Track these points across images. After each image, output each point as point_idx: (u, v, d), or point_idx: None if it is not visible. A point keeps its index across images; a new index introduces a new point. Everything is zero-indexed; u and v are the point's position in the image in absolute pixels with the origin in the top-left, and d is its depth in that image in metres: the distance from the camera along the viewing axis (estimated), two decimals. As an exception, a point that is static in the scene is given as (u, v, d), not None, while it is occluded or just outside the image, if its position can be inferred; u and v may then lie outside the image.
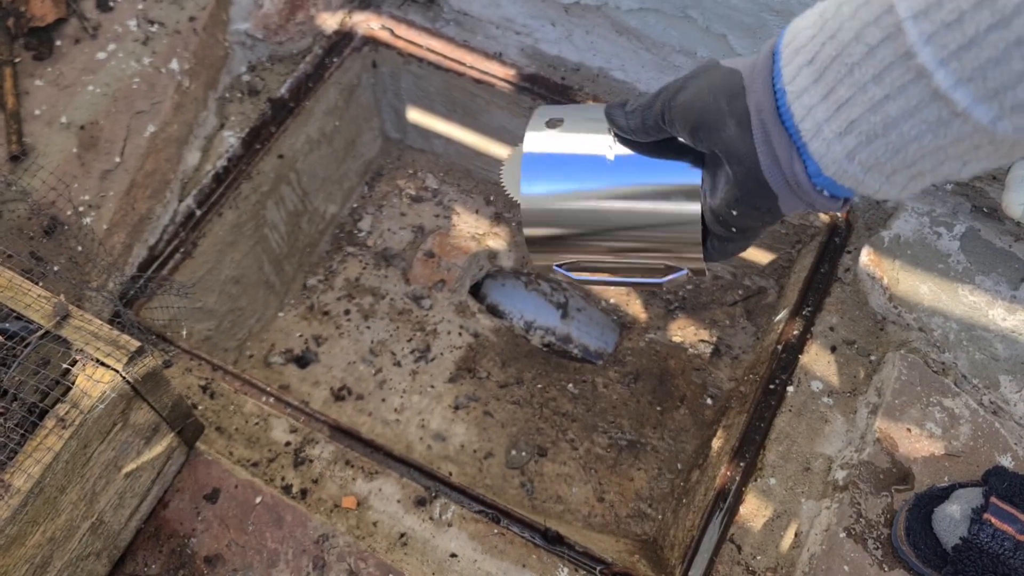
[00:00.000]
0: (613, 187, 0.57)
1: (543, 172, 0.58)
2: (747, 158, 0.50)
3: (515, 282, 1.59)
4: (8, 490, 0.70)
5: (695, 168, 0.55)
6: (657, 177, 0.56)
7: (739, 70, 0.51)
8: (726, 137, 0.51)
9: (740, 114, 0.50)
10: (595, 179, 0.57)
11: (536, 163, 0.58)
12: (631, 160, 0.57)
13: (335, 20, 1.41)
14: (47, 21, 1.22)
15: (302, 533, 0.93)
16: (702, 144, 0.53)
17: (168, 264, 1.20)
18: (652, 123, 0.54)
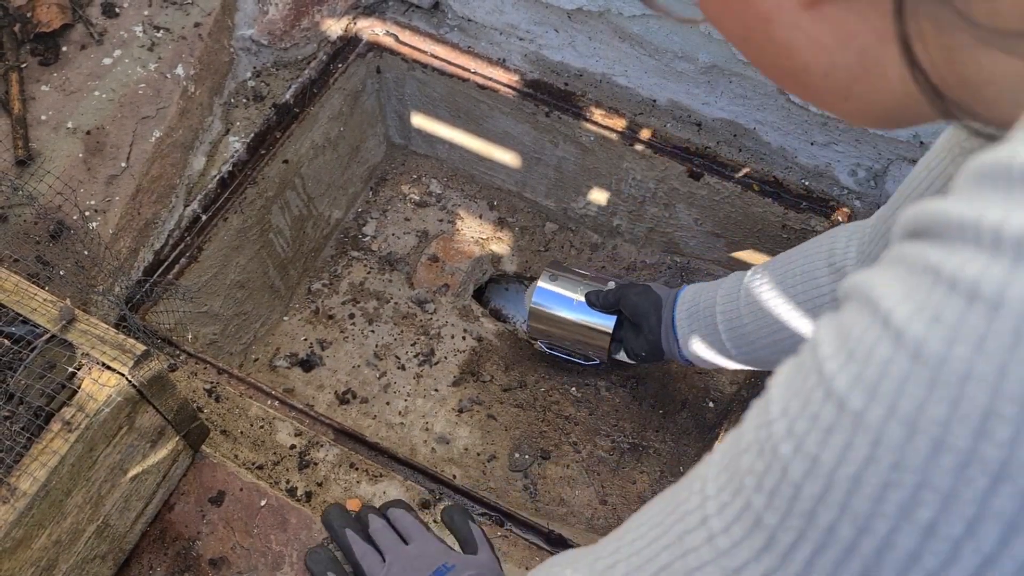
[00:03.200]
0: (573, 314, 1.27)
1: (544, 297, 1.28)
2: (654, 335, 1.15)
3: (518, 286, 1.60)
4: (14, 493, 0.71)
5: (610, 319, 1.23)
6: (595, 318, 1.25)
7: (661, 296, 1.15)
8: (649, 324, 1.15)
9: (658, 316, 1.14)
10: (566, 308, 1.27)
11: (541, 293, 1.28)
12: (584, 306, 1.25)
13: (340, 26, 1.42)
14: (53, 27, 1.22)
15: (307, 535, 0.93)
16: (636, 319, 1.17)
17: (174, 268, 1.21)
18: (611, 304, 1.22)
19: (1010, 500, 0.27)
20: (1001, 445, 0.26)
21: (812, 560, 0.33)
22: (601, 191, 1.47)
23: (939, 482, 0.28)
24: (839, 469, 0.31)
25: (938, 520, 0.28)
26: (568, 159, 1.45)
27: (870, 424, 0.30)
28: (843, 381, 0.31)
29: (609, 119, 1.35)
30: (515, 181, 1.57)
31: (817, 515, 0.32)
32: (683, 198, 1.38)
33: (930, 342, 0.28)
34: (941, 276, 0.28)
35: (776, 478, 0.33)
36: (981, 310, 0.27)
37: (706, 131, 1.34)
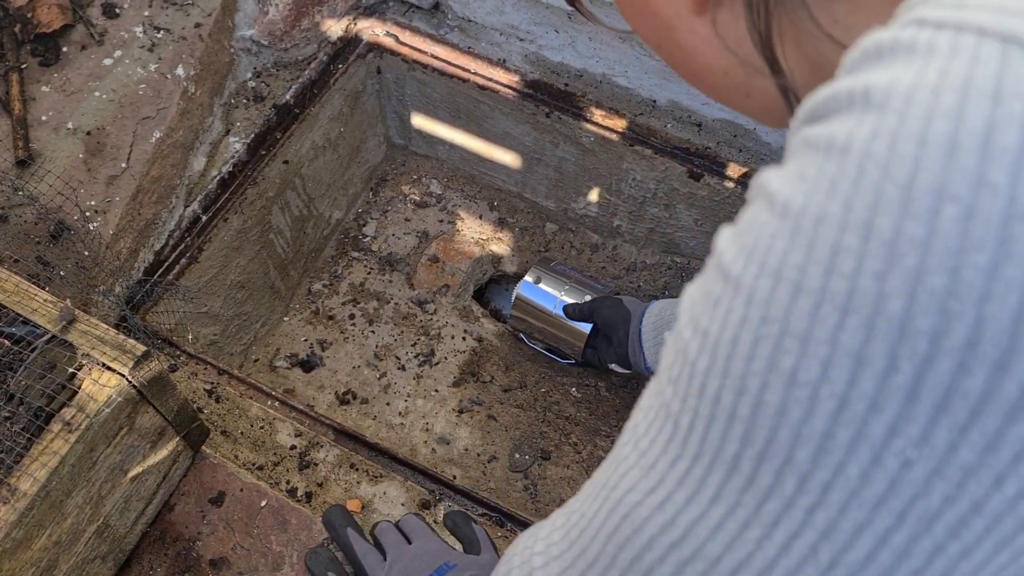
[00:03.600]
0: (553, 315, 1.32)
1: (529, 292, 1.34)
2: (622, 348, 1.19)
3: (519, 287, 1.60)
4: (14, 494, 0.71)
5: (586, 327, 1.29)
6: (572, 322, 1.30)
7: (631, 311, 1.19)
8: (618, 335, 1.20)
9: (626, 329, 1.18)
10: (548, 306, 1.32)
11: (526, 287, 1.34)
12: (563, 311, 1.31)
13: (340, 27, 1.42)
14: (53, 28, 1.22)
15: (307, 536, 0.93)
16: (607, 330, 1.23)
17: (174, 269, 1.20)
18: (585, 315, 1.27)
19: (855, 333, 0.28)
20: (846, 276, 0.28)
21: (705, 436, 0.34)
22: (601, 191, 1.47)
23: (797, 326, 0.29)
24: (722, 336, 0.32)
25: (798, 366, 0.29)
26: (568, 159, 1.45)
27: (744, 284, 0.31)
28: (728, 255, 0.32)
29: (609, 119, 1.35)
30: (515, 182, 1.57)
31: (706, 388, 0.33)
32: (683, 198, 1.38)
33: (795, 197, 0.30)
34: (812, 143, 0.30)
35: (679, 364, 0.35)
36: (834, 157, 0.29)
37: (706, 131, 1.34)
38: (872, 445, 0.29)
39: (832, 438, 0.29)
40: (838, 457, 0.30)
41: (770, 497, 0.32)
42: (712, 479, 0.34)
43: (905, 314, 0.27)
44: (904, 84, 0.28)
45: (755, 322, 0.31)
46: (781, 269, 0.30)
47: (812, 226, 0.29)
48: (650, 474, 0.37)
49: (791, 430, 0.30)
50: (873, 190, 0.27)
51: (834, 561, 0.31)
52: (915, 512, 0.29)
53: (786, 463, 0.31)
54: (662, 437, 0.36)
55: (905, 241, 0.27)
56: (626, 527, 0.38)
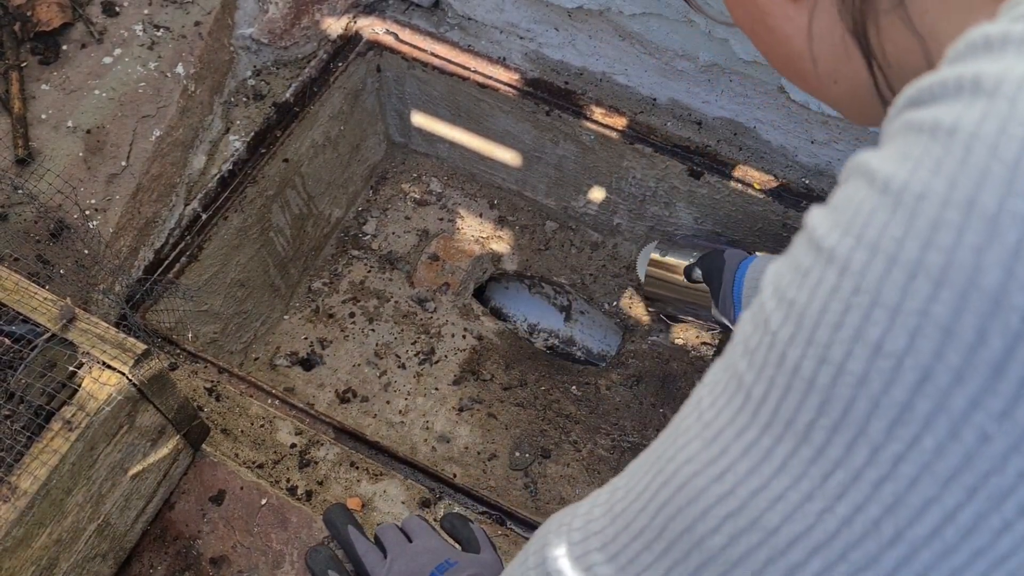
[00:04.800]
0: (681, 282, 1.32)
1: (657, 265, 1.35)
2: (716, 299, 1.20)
3: (519, 285, 1.60)
4: (15, 492, 0.71)
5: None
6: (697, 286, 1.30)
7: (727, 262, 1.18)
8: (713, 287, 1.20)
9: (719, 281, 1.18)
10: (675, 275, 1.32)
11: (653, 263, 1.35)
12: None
13: (340, 25, 1.42)
14: (53, 26, 1.22)
15: (307, 534, 0.93)
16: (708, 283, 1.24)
17: (174, 267, 1.21)
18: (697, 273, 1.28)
19: (947, 306, 0.28)
20: (944, 250, 0.28)
21: (778, 406, 0.34)
22: (601, 190, 1.47)
23: (889, 297, 0.30)
24: (810, 305, 0.32)
25: (885, 337, 0.30)
26: (568, 158, 1.45)
27: (839, 256, 0.31)
28: (822, 229, 0.33)
29: (609, 118, 1.35)
30: (515, 180, 1.57)
31: (787, 357, 0.33)
32: (683, 197, 1.38)
33: (898, 174, 0.30)
34: (916, 126, 0.31)
35: (759, 335, 0.35)
36: (941, 138, 0.29)
37: (706, 130, 1.34)
38: (951, 418, 0.29)
39: (911, 409, 0.30)
40: (914, 429, 0.30)
41: (838, 469, 0.32)
42: (780, 450, 0.34)
43: (1000, 289, 0.27)
44: (1016, 73, 0.28)
45: (846, 292, 0.31)
46: (878, 241, 0.30)
47: (914, 201, 0.29)
48: (712, 445, 0.37)
49: (869, 400, 0.30)
50: (979, 169, 0.28)
51: (897, 536, 0.31)
52: (987, 488, 0.29)
53: (860, 434, 0.31)
54: (731, 408, 0.36)
55: (1007, 217, 0.27)
56: (680, 498, 0.38)
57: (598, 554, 0.44)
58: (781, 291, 0.34)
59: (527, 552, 0.52)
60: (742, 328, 0.37)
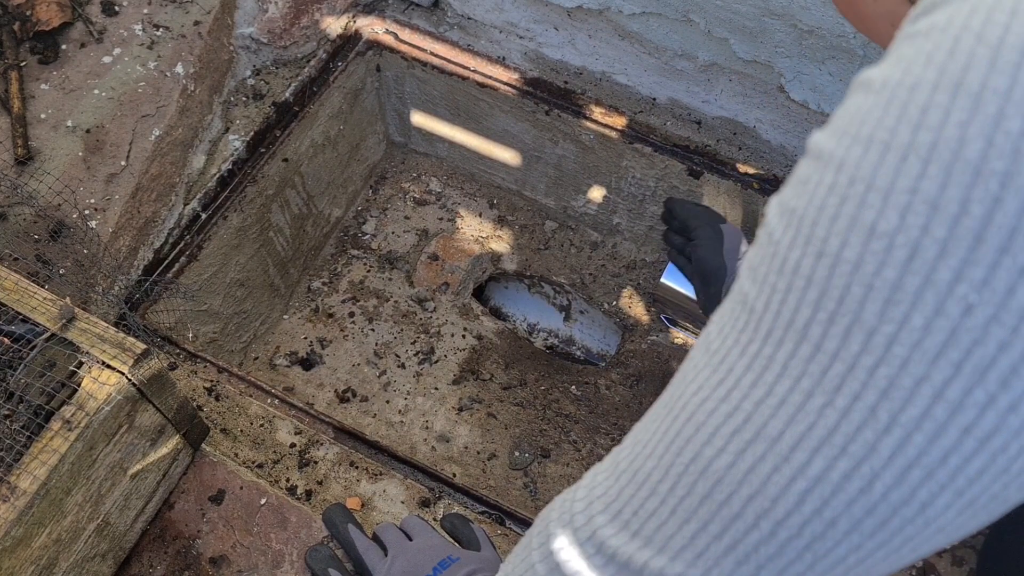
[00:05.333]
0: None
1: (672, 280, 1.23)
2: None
3: (518, 285, 1.60)
4: (14, 492, 0.71)
5: None
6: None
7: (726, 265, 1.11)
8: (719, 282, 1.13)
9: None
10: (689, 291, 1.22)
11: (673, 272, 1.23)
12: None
13: (339, 24, 1.42)
14: (53, 25, 1.22)
15: (307, 534, 0.93)
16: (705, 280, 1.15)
17: (173, 267, 1.20)
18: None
19: (934, 180, 0.30)
20: (932, 128, 0.30)
21: (779, 310, 0.35)
22: (601, 189, 1.47)
23: (882, 181, 0.31)
24: (808, 207, 0.34)
25: (878, 218, 0.31)
26: (568, 157, 1.45)
27: (836, 156, 0.33)
28: (821, 139, 0.34)
29: (609, 117, 1.35)
30: (515, 179, 1.57)
31: (787, 261, 0.34)
32: (683, 196, 1.38)
33: (892, 74, 0.32)
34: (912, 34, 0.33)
35: (762, 252, 0.36)
36: (934, 36, 0.31)
37: (706, 129, 1.34)
38: (937, 291, 0.30)
39: (901, 288, 0.31)
40: (904, 308, 0.31)
41: (835, 360, 0.33)
42: (780, 354, 0.35)
43: (981, 157, 0.29)
44: None
45: (843, 185, 0.32)
46: (873, 134, 0.32)
47: (906, 93, 0.31)
48: (719, 368, 0.38)
49: (863, 284, 0.32)
50: (967, 53, 0.30)
51: (892, 421, 0.32)
52: (971, 361, 0.30)
53: (855, 321, 0.32)
54: (735, 329, 0.37)
55: (989, 92, 0.29)
56: (688, 428, 0.38)
57: (601, 516, 0.44)
58: (783, 203, 0.35)
59: (531, 536, 0.52)
60: (748, 256, 0.38)
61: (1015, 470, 0.32)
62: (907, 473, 0.32)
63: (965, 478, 0.32)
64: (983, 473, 0.32)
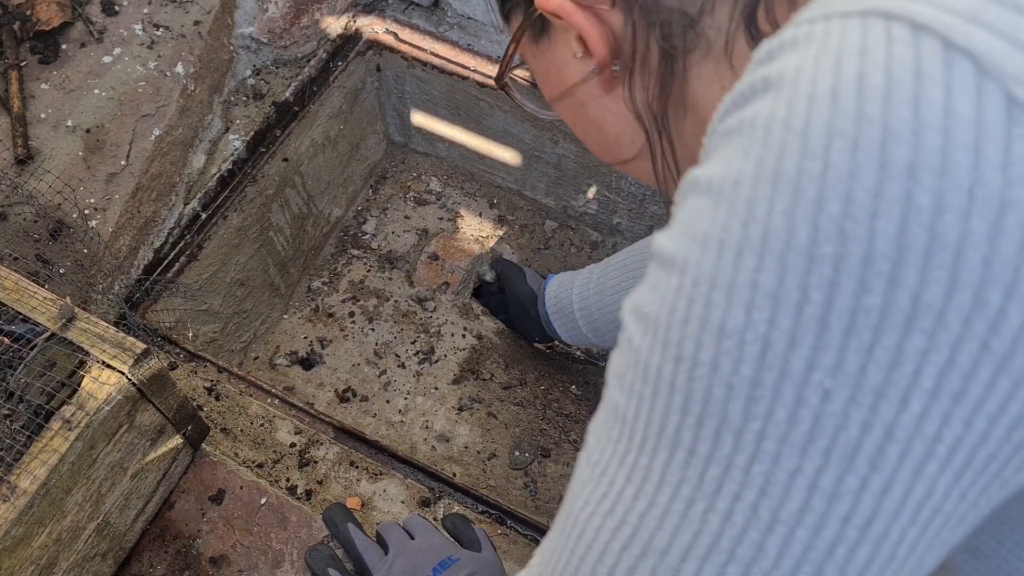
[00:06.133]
0: None
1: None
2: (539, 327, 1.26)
3: (519, 284, 1.60)
4: (14, 491, 0.71)
5: None
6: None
7: (534, 290, 1.25)
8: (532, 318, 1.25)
9: (536, 312, 1.24)
10: None
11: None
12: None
13: (339, 24, 1.42)
14: (53, 25, 1.22)
15: (307, 534, 0.93)
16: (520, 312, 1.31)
17: (173, 267, 1.20)
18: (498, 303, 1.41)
19: (771, 272, 0.30)
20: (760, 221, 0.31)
21: (648, 419, 0.35)
22: (601, 189, 1.47)
23: (722, 278, 0.31)
24: (660, 311, 0.34)
25: (726, 317, 0.31)
26: (568, 157, 1.45)
27: (678, 259, 0.33)
28: (664, 245, 0.35)
29: (609, 117, 1.35)
30: (515, 179, 1.57)
31: (648, 368, 0.34)
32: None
33: (716, 172, 0.33)
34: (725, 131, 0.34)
35: (625, 358, 0.36)
36: (745, 132, 0.32)
37: (706, 129, 1.34)
38: (794, 383, 0.30)
39: (759, 384, 0.31)
40: (766, 403, 0.31)
41: (711, 463, 0.33)
42: (657, 462, 0.34)
43: (811, 243, 0.29)
44: (792, 64, 0.31)
45: (688, 287, 0.33)
46: (708, 232, 0.32)
47: (732, 188, 0.31)
48: (601, 481, 0.37)
49: (723, 385, 0.32)
50: (778, 144, 0.30)
51: (774, 518, 0.32)
52: (838, 448, 0.30)
53: (722, 422, 0.32)
54: (611, 440, 0.37)
55: (805, 177, 0.29)
56: (580, 546, 0.38)
57: None
58: (637, 309, 0.36)
59: None
60: (612, 363, 0.38)
61: (901, 557, 0.32)
62: (797, 571, 0.32)
63: (854, 570, 0.32)
64: (871, 563, 0.32)
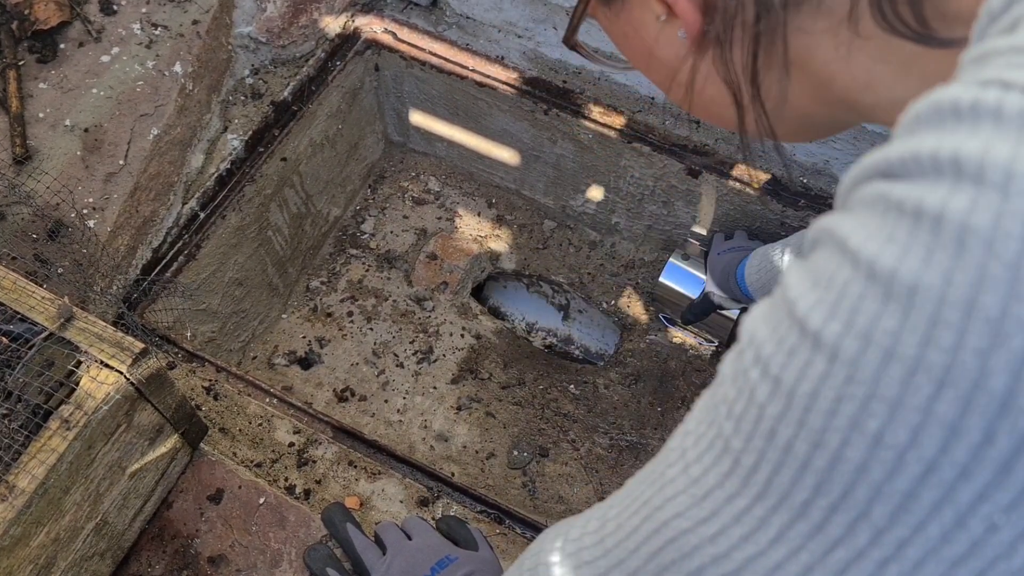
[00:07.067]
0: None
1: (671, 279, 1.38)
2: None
3: (517, 284, 1.60)
4: (13, 491, 0.71)
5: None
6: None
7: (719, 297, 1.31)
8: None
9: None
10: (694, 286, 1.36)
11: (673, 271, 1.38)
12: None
13: (338, 24, 1.42)
14: (51, 24, 1.22)
15: (305, 533, 0.93)
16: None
17: (172, 266, 1.20)
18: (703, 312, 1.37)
19: (952, 405, 0.28)
20: (945, 351, 0.27)
21: (771, 479, 0.33)
22: (600, 188, 1.47)
23: (887, 391, 0.29)
24: (799, 387, 0.32)
25: (885, 430, 0.29)
26: (567, 157, 1.45)
27: (827, 341, 0.31)
28: (805, 306, 0.32)
29: (608, 116, 1.35)
30: (513, 179, 1.57)
31: (777, 434, 0.33)
32: (681, 195, 1.38)
33: (883, 259, 0.29)
34: (895, 204, 0.30)
35: (744, 403, 0.34)
36: (926, 225, 0.28)
37: (704, 128, 1.34)
38: (957, 509, 0.29)
39: (916, 498, 0.29)
40: (919, 517, 0.30)
41: (839, 546, 0.32)
42: (775, 520, 0.34)
43: (1008, 392, 0.27)
44: (1001, 156, 0.27)
45: (839, 380, 0.30)
46: (871, 332, 0.29)
47: (907, 293, 0.28)
48: (703, 504, 0.37)
49: (871, 487, 0.30)
50: (976, 266, 0.27)
51: None
52: (995, 571, 0.29)
53: (861, 517, 0.31)
54: (718, 470, 0.36)
55: (1012, 322, 0.26)
56: (672, 550, 0.38)
57: (587, 569, 0.45)
58: (764, 362, 0.33)
59: (523, 558, 0.53)
60: (723, 387, 0.36)
61: None
62: None
63: None
64: None
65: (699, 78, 0.46)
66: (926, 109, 0.30)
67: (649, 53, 0.48)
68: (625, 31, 0.49)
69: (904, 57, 0.39)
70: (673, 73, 0.48)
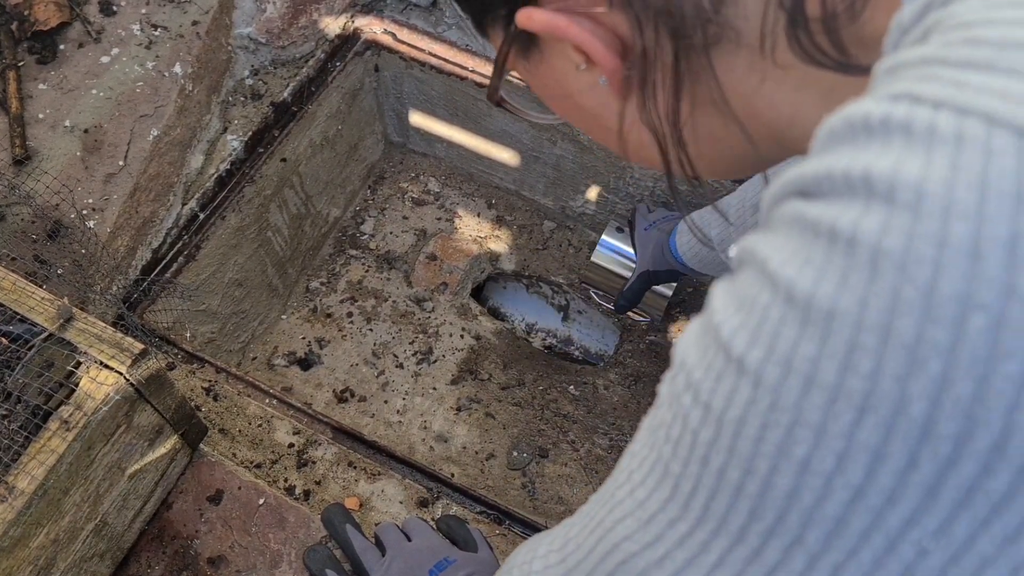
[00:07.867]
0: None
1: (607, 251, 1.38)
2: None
3: (516, 285, 1.60)
4: (12, 492, 0.71)
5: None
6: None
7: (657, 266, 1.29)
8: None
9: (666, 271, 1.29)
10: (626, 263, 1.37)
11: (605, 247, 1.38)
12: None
13: (338, 24, 1.42)
14: (51, 25, 1.22)
15: (305, 534, 0.93)
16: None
17: (171, 267, 1.20)
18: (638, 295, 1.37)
19: (874, 432, 0.28)
20: (864, 377, 0.27)
21: (708, 505, 0.34)
22: (599, 189, 1.47)
23: (810, 418, 0.29)
24: (727, 413, 0.32)
25: (811, 456, 0.29)
26: (566, 157, 1.45)
27: (750, 367, 0.30)
28: (729, 330, 0.32)
29: (607, 117, 1.35)
30: (513, 179, 1.57)
31: (710, 460, 0.33)
32: (680, 195, 1.38)
33: (800, 282, 0.29)
34: (811, 225, 0.29)
35: (679, 428, 0.35)
36: (841, 247, 0.28)
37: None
38: (887, 534, 0.29)
39: (846, 524, 0.29)
40: (851, 542, 0.30)
41: (778, 570, 0.32)
42: (715, 545, 0.34)
43: (928, 418, 0.27)
44: (911, 175, 0.26)
45: (763, 407, 0.30)
46: (791, 359, 0.29)
47: (824, 319, 0.28)
48: (648, 527, 0.37)
49: (802, 513, 0.30)
50: (890, 290, 0.26)
51: None
52: None
53: (796, 542, 0.31)
54: (660, 494, 0.36)
55: (928, 347, 0.26)
56: (623, 572, 0.39)
57: None
58: (695, 388, 0.33)
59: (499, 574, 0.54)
60: (661, 410, 0.37)
61: None
62: None
63: None
64: None
65: (626, 124, 0.45)
66: (839, 124, 0.30)
67: (574, 103, 0.47)
68: (546, 82, 0.48)
69: (826, 87, 0.38)
70: (600, 121, 0.47)
